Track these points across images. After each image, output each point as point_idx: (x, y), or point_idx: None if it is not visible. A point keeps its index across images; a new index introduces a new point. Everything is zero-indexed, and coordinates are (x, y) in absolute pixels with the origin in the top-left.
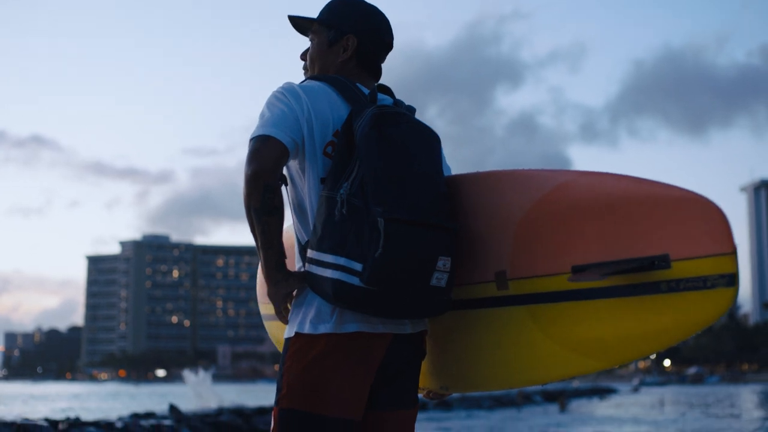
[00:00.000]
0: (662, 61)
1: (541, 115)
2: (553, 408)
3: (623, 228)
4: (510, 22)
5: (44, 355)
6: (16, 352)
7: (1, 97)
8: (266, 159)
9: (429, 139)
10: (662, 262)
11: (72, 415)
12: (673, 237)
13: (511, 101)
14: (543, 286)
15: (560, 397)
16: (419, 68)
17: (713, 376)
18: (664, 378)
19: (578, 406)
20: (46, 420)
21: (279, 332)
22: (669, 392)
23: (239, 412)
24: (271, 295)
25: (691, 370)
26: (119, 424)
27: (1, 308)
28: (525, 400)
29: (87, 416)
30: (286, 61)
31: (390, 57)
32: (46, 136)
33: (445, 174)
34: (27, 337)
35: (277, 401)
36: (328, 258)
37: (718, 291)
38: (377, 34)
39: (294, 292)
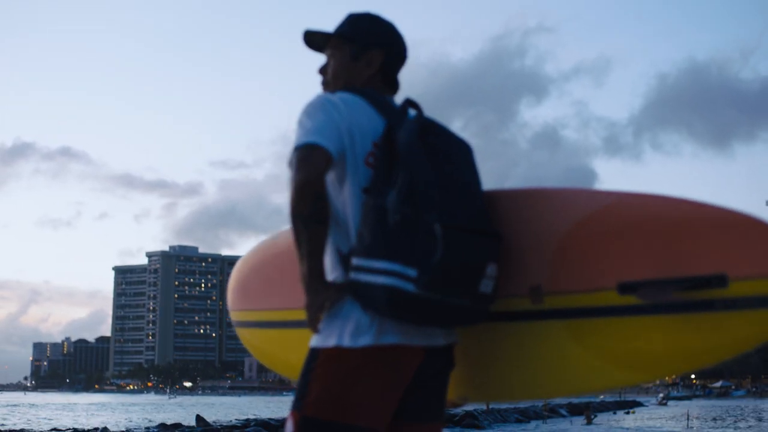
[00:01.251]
0: (686, 74)
1: (564, 128)
2: (579, 420)
3: (677, 248)
4: (535, 35)
5: (72, 365)
6: (45, 363)
7: (31, 110)
8: (316, 167)
9: (467, 150)
10: (719, 281)
11: (100, 425)
12: (730, 257)
13: (535, 114)
14: (584, 301)
15: (586, 411)
16: (444, 81)
17: (739, 390)
18: (690, 392)
19: (604, 419)
20: (74, 430)
21: (258, 340)
22: (695, 406)
23: (266, 423)
24: (311, 304)
25: (717, 384)
26: None
27: (31, 319)
28: (551, 413)
29: (115, 427)
30: (314, 74)
31: (416, 70)
32: (76, 149)
33: None
34: (55, 347)
35: (299, 407)
36: (381, 264)
37: None
38: (398, 49)
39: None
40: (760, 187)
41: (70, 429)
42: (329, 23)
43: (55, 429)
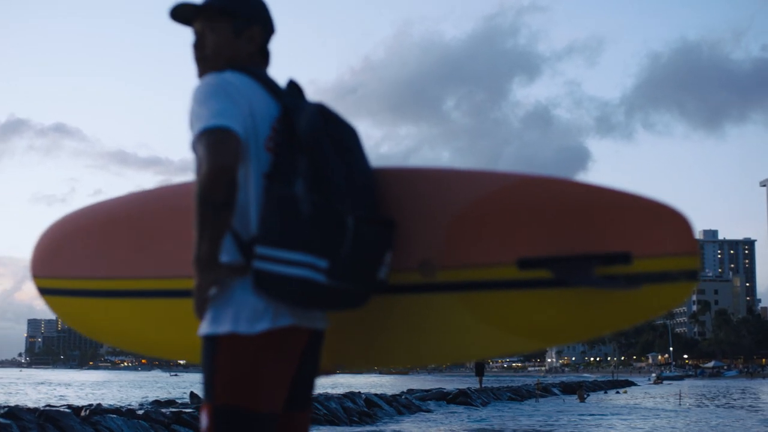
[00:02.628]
0: (678, 54)
1: (556, 108)
2: (572, 399)
3: (582, 227)
4: (528, 14)
5: (67, 342)
6: (39, 340)
7: (24, 87)
8: (232, 152)
9: (358, 135)
10: (624, 258)
11: (94, 401)
12: (635, 237)
13: (527, 94)
14: (481, 275)
15: (579, 390)
16: (437, 60)
17: (731, 370)
18: (682, 372)
19: (597, 398)
20: (69, 407)
21: (78, 309)
22: (687, 386)
23: None
24: (203, 285)
25: (710, 365)
26: (140, 411)
27: (25, 296)
28: (544, 392)
29: (109, 403)
30: (305, 53)
31: (408, 49)
32: (70, 126)
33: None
34: (50, 324)
35: (210, 399)
36: (293, 256)
37: (680, 284)
38: (272, 23)
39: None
40: (751, 167)
41: (64, 405)
42: (323, 3)
43: (48, 405)
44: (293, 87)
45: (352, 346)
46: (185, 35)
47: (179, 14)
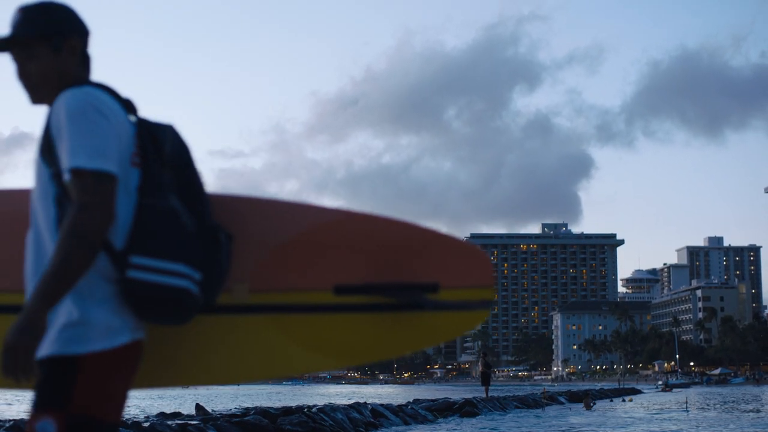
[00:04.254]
0: (678, 61)
1: (557, 116)
2: (578, 407)
3: (397, 260)
4: (528, 23)
5: None
6: None
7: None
8: (113, 197)
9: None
10: (432, 288)
11: None
12: (443, 270)
13: (528, 102)
14: (297, 298)
15: (585, 398)
16: (438, 70)
17: (738, 377)
18: (689, 379)
19: (603, 406)
20: None
21: None
22: (693, 393)
23: (265, 412)
24: (43, 316)
25: (716, 372)
26: (146, 424)
27: None
28: (550, 400)
29: None
30: (306, 65)
31: (410, 59)
32: None
33: None
34: None
35: (60, 407)
36: (174, 266)
37: (477, 311)
38: (84, 26)
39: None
40: (753, 174)
41: None
42: (325, 13)
43: None
44: (131, 103)
45: (170, 363)
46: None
47: None
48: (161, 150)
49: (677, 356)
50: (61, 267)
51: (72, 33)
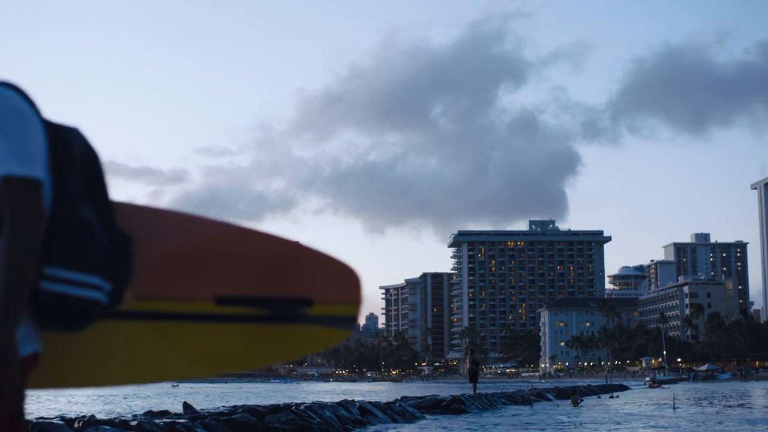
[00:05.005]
0: (663, 58)
1: (542, 113)
2: (566, 404)
3: (274, 274)
4: (514, 20)
5: None
6: None
7: None
8: (43, 204)
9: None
10: (306, 302)
11: (87, 413)
12: (317, 286)
13: (513, 100)
14: (178, 307)
15: (573, 395)
16: (423, 67)
17: (725, 373)
18: (676, 375)
19: (590, 403)
20: (62, 418)
21: None
22: (680, 389)
23: (253, 410)
24: (13, 336)
25: (703, 368)
26: (134, 423)
27: None
28: (538, 397)
29: (102, 414)
30: (291, 61)
31: (395, 56)
32: None
33: None
34: None
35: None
36: (88, 278)
37: (344, 327)
38: None
39: None
40: (738, 170)
41: (56, 417)
42: (310, 11)
43: (41, 417)
44: (35, 103)
45: (50, 367)
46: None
47: None
48: (72, 155)
49: (664, 352)
50: (16, 284)
51: None
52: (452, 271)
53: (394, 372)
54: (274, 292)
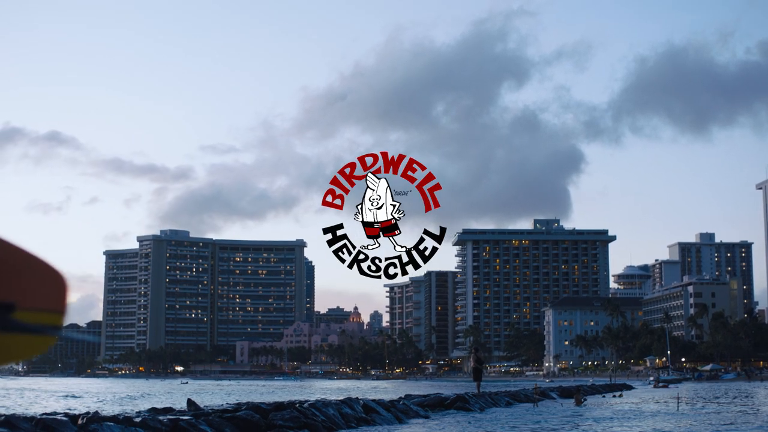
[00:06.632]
0: (665, 58)
1: (544, 112)
2: (570, 403)
3: None
4: (517, 19)
5: (64, 350)
6: None
7: (19, 95)
8: None
9: None
10: (8, 308)
11: (91, 409)
12: (23, 292)
13: (516, 99)
14: None
15: (576, 394)
16: (426, 66)
17: (729, 373)
18: (680, 375)
19: (594, 402)
20: (66, 415)
21: None
22: (684, 389)
23: (257, 408)
24: None
25: (707, 368)
26: (138, 419)
27: None
28: (542, 396)
29: (106, 411)
30: (295, 60)
31: (398, 55)
32: (65, 134)
33: None
34: None
35: None
36: None
37: (48, 336)
38: None
39: None
40: (742, 170)
41: (61, 413)
42: (314, 10)
43: (45, 414)
44: None
45: None
46: (181, 44)
47: None
48: None
49: (668, 352)
50: None
51: None
52: (456, 270)
53: (398, 370)
54: None
